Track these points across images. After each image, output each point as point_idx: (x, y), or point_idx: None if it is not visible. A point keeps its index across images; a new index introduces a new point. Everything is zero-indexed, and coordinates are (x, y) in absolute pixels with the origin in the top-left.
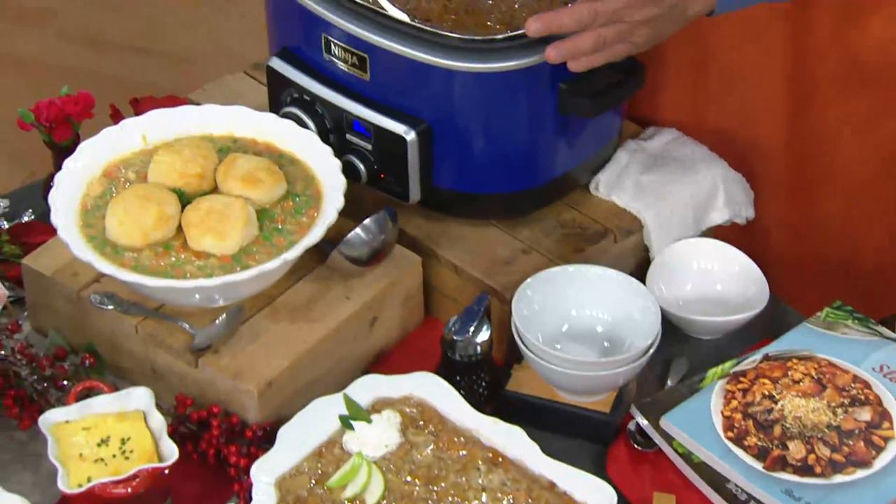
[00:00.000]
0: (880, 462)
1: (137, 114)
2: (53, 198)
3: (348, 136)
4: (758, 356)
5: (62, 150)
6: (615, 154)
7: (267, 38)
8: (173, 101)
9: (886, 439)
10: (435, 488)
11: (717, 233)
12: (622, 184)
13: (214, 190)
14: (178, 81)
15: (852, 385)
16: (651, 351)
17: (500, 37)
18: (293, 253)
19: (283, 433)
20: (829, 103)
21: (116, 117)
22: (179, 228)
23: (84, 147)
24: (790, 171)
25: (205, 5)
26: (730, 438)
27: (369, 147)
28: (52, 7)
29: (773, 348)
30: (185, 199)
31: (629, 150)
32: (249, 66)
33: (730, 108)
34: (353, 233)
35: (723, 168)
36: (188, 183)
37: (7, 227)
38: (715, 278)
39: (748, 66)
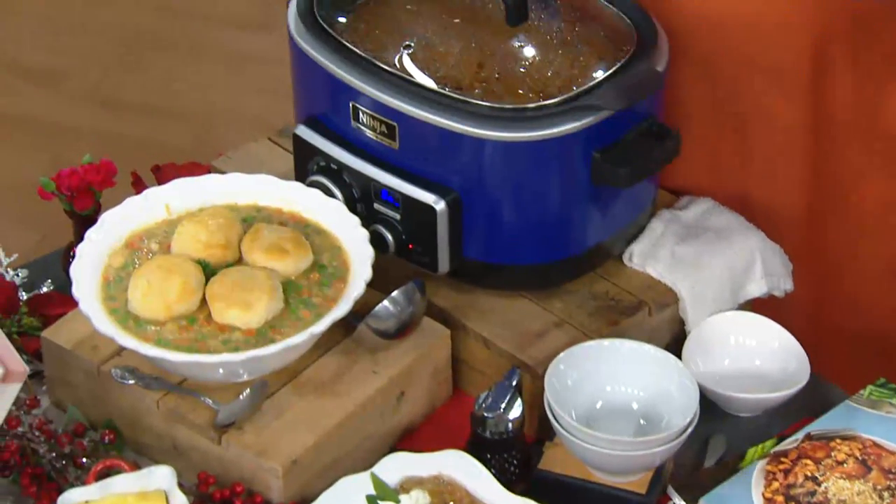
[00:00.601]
0: None
1: (159, 181)
2: (75, 270)
3: (376, 206)
4: (799, 435)
5: (83, 220)
6: (649, 224)
7: (293, 104)
8: (196, 168)
9: None
10: None
11: (755, 305)
12: (657, 255)
13: (239, 261)
14: (195, 142)
15: None
16: (689, 429)
17: (531, 105)
18: (320, 327)
19: None
20: (856, 177)
21: (138, 185)
22: (203, 301)
23: (106, 217)
24: (821, 243)
25: (221, 65)
26: None
27: (397, 217)
28: (63, 67)
29: (815, 427)
30: (209, 271)
31: (664, 219)
32: (274, 133)
33: (760, 179)
34: (380, 305)
35: (760, 239)
36: (213, 254)
37: (26, 297)
38: (753, 353)
39: (775, 137)
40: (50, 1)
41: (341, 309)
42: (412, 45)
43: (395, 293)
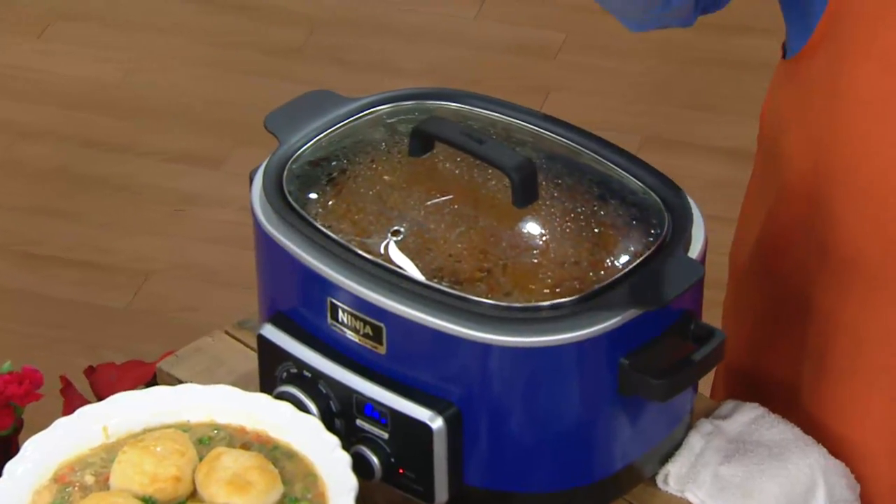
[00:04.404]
0: None
1: (94, 386)
2: None
3: (359, 423)
4: None
5: (1, 441)
6: (687, 438)
7: (258, 298)
8: (138, 368)
9: None
10: None
11: None
12: (697, 477)
13: (193, 496)
14: (131, 300)
15: None
16: None
17: (545, 304)
18: None
19: None
20: None
21: (68, 392)
22: None
23: (30, 445)
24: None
25: (161, 209)
26: None
27: (385, 436)
28: None
29: None
30: None
31: (704, 432)
32: (231, 325)
33: (818, 382)
34: None
35: (821, 456)
36: (161, 489)
37: None
38: None
39: (835, 331)
40: None
41: None
42: (401, 230)
43: None
